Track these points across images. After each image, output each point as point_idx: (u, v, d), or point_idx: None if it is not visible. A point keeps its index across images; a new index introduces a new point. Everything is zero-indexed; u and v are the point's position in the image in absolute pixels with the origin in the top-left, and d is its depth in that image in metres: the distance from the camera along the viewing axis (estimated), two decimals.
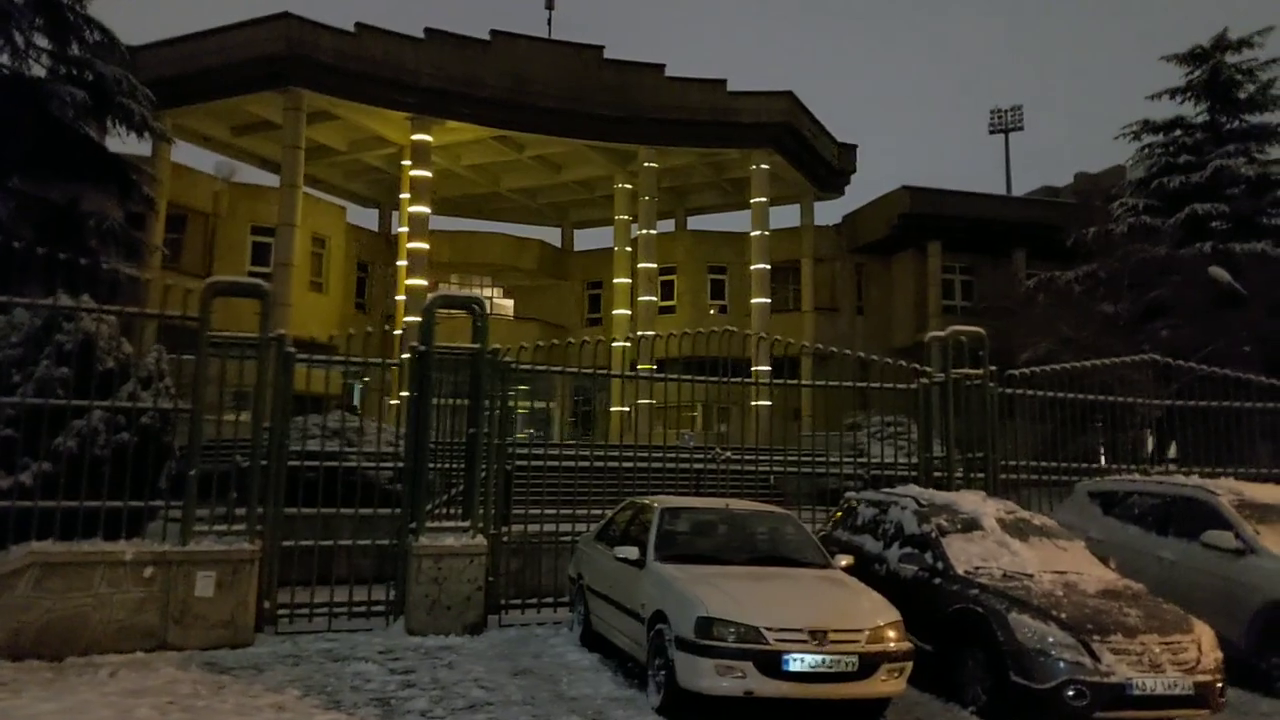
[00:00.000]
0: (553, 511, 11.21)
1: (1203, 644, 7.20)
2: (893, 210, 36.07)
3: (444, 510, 10.65)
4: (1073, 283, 29.17)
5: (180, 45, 30.83)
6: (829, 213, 42.61)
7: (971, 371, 12.19)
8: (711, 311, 39.16)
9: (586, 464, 12.67)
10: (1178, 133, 28.67)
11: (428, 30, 31.58)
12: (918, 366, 12.55)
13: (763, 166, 34.40)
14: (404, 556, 9.79)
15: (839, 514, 10.48)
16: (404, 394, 10.38)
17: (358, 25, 30.73)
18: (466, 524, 10.08)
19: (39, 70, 19.28)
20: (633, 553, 8.03)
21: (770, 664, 6.55)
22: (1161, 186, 27.80)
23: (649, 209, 34.46)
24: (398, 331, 33.11)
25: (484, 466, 10.39)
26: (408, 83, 30.85)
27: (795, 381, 14.05)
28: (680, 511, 8.70)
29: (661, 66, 33.58)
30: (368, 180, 40.14)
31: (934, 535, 8.57)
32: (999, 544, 8.39)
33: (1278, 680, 8.26)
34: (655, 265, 34.77)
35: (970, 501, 9.12)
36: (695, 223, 43.36)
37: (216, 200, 33.23)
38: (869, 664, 6.72)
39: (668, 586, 7.32)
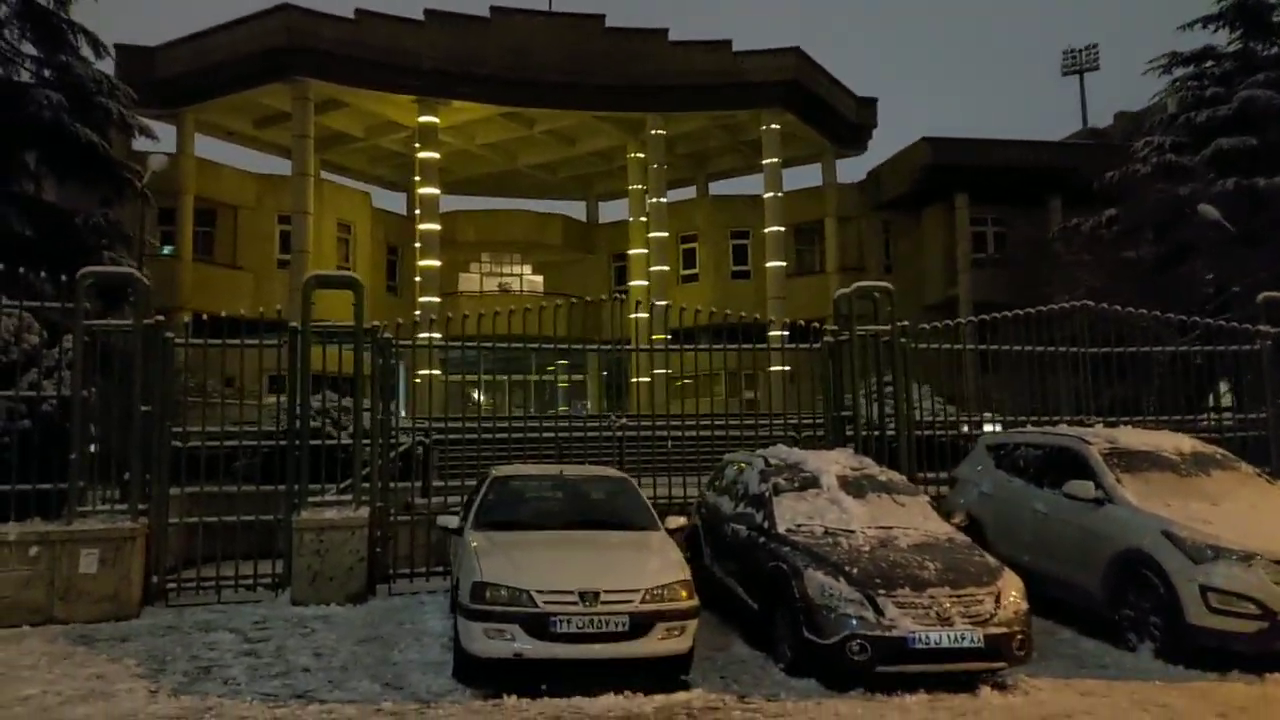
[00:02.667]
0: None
1: (1002, 596, 7.10)
2: (914, 164, 35.28)
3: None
4: (1099, 228, 28.28)
5: (193, 43, 31.79)
6: (856, 170, 41.83)
7: (879, 327, 12.02)
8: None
9: (520, 435, 12.98)
10: (1209, 63, 27.48)
11: (427, 12, 31.91)
12: (817, 324, 12.42)
13: (773, 126, 34.00)
14: (287, 530, 10.12)
15: (712, 475, 10.51)
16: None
17: (358, 12, 31.20)
18: (349, 498, 10.35)
19: (26, 76, 20.15)
20: (453, 521, 8.21)
21: (538, 626, 6.68)
22: (1189, 122, 26.69)
23: (659, 177, 34.40)
24: (416, 312, 33.67)
25: (368, 442, 10.63)
26: (410, 66, 31.26)
27: (692, 347, 13.75)
28: (510, 480, 8.84)
29: (664, 32, 33.39)
30: (391, 164, 40.76)
31: (768, 494, 8.58)
32: (831, 501, 8.35)
33: (1128, 631, 8.07)
34: (667, 234, 34.76)
35: (822, 460, 9.06)
36: (719, 188, 43.10)
37: (242, 192, 34.12)
38: (641, 623, 6.79)
39: (466, 554, 7.49)
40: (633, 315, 31.13)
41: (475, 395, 37.75)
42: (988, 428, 12.97)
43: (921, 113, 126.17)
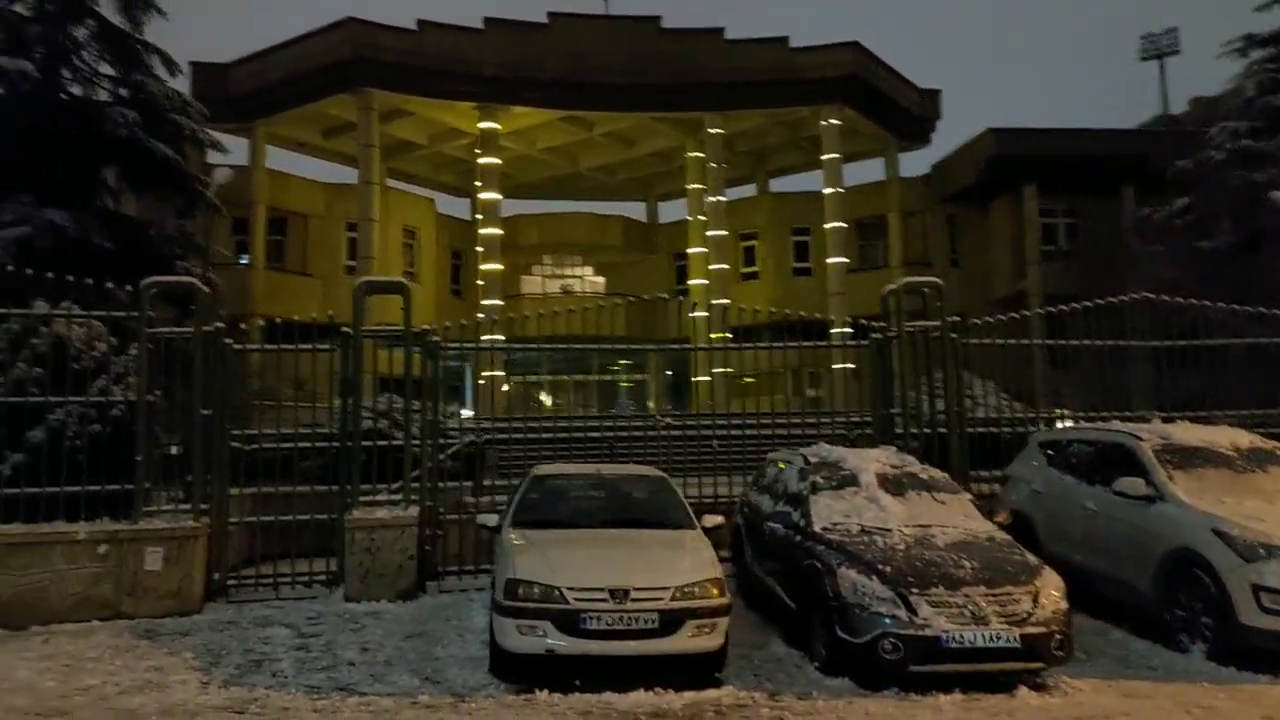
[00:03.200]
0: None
1: (1041, 595, 7.01)
2: (979, 155, 34.68)
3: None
4: (1172, 218, 27.51)
5: (262, 59, 32.71)
6: (924, 163, 41.04)
7: (928, 324, 11.88)
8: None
9: (572, 435, 13.18)
10: None
11: (487, 20, 32.34)
12: (865, 321, 12.33)
13: (832, 122, 33.77)
14: (340, 529, 10.40)
15: (755, 475, 10.52)
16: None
17: (419, 22, 31.77)
18: (399, 497, 10.60)
19: (104, 95, 20.94)
20: (492, 520, 8.37)
21: (569, 622, 6.80)
22: (1266, 106, 25.82)
23: (717, 176, 34.42)
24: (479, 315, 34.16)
25: (419, 442, 10.88)
26: (470, 73, 31.71)
27: (750, 345, 13.79)
28: (549, 479, 8.98)
29: (720, 31, 33.37)
30: (455, 171, 41.37)
31: (805, 493, 8.58)
32: (869, 499, 8.33)
33: (1179, 632, 7.90)
34: (726, 232, 34.75)
35: (862, 458, 9.03)
36: (780, 185, 42.78)
37: (311, 201, 34.99)
38: (671, 621, 6.87)
39: (502, 552, 7.65)
40: (691, 314, 31.30)
41: (539, 395, 38.54)
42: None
43: (992, 103, 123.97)
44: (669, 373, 38.68)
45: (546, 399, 39.52)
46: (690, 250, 37.78)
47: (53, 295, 11.18)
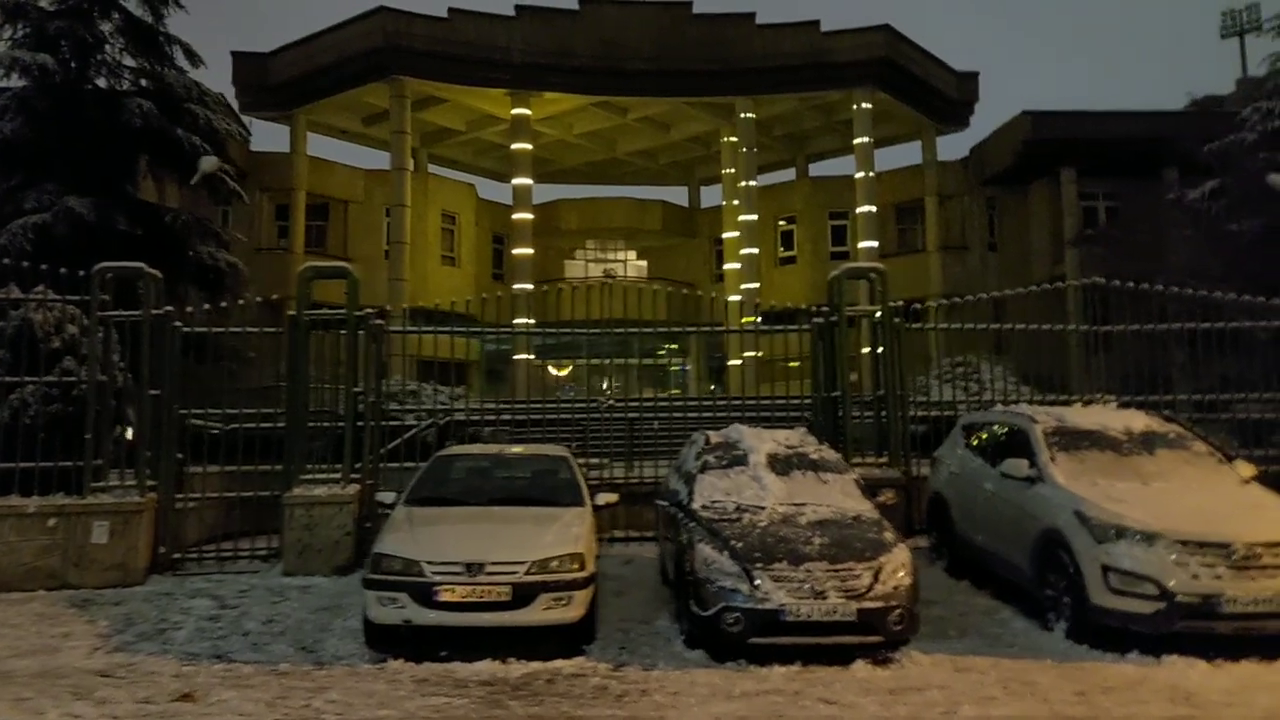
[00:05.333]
0: None
1: (883, 571, 7.09)
2: (1016, 138, 33.89)
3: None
4: (1204, 200, 26.69)
5: (300, 48, 33.47)
6: (963, 147, 40.18)
7: (868, 308, 11.87)
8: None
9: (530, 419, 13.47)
10: None
11: (518, 7, 32.60)
12: (812, 308, 12.36)
13: (865, 105, 33.35)
14: (280, 506, 10.83)
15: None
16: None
17: (450, 10, 32.17)
18: (338, 476, 10.99)
19: (127, 85, 21.78)
20: (389, 497, 8.71)
21: (424, 594, 7.09)
22: None
23: (749, 160, 34.31)
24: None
25: (361, 423, 11.25)
26: (501, 60, 32.00)
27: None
28: (452, 458, 9.26)
29: (751, 15, 33.12)
30: (494, 157, 41.78)
31: (695, 471, 8.73)
32: (753, 478, 8.45)
33: (1048, 611, 7.90)
34: (757, 217, 34.65)
35: (762, 439, 9.13)
36: (820, 169, 42.35)
37: (351, 187, 35.77)
38: (524, 594, 7.11)
39: (384, 528, 7.95)
40: (726, 298, 31.35)
41: (557, 376, 38.97)
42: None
43: (1070, 84, 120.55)
44: (713, 356, 38.77)
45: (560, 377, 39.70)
46: (725, 235, 37.73)
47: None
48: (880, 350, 11.83)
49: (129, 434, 11.50)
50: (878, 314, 11.88)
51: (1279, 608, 6.86)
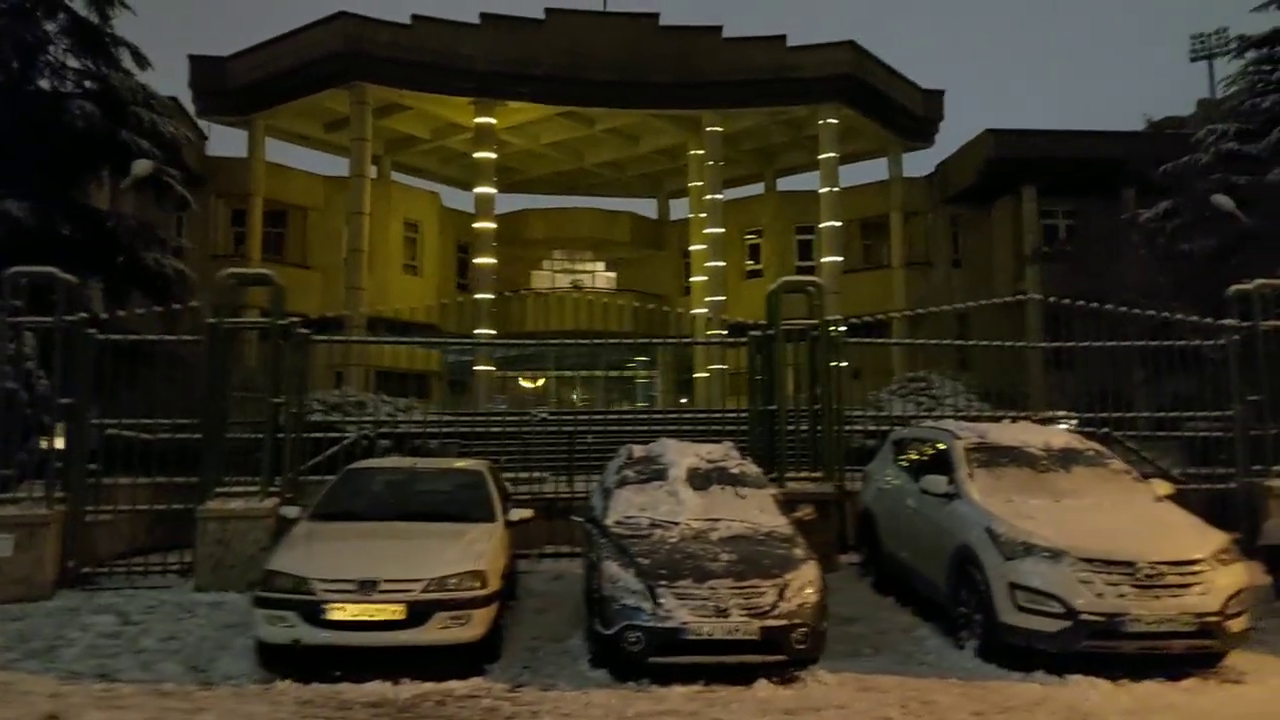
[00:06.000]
0: None
1: (789, 589, 6.93)
2: (979, 156, 34.16)
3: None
4: (1159, 220, 26.87)
5: (259, 52, 33.13)
6: (929, 164, 40.34)
7: (805, 322, 11.74)
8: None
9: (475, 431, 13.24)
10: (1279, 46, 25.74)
11: (483, 15, 32.42)
12: (744, 322, 12.23)
13: (830, 121, 33.43)
14: (195, 520, 10.52)
15: None
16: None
17: (414, 17, 31.94)
18: (255, 489, 10.69)
19: (71, 87, 21.36)
20: (292, 512, 8.46)
21: (313, 613, 6.84)
22: (1254, 108, 25.12)
23: (715, 174, 34.33)
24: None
25: (283, 435, 10.98)
26: (465, 68, 31.77)
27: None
28: (361, 472, 9.03)
29: (718, 29, 33.16)
30: (459, 165, 41.47)
31: (614, 486, 8.55)
32: (669, 493, 8.28)
33: (961, 629, 7.76)
34: (724, 230, 34.63)
35: (684, 452, 8.96)
36: (789, 183, 42.39)
37: (311, 194, 35.41)
38: (419, 613, 6.88)
39: (280, 544, 7.70)
40: (691, 311, 31.34)
41: (528, 388, 38.77)
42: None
43: (1036, 104, 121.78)
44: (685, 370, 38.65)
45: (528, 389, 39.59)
46: (693, 248, 37.66)
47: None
48: (815, 364, 11.71)
49: (59, 443, 11.15)
50: (815, 328, 11.75)
51: (1182, 627, 6.78)
